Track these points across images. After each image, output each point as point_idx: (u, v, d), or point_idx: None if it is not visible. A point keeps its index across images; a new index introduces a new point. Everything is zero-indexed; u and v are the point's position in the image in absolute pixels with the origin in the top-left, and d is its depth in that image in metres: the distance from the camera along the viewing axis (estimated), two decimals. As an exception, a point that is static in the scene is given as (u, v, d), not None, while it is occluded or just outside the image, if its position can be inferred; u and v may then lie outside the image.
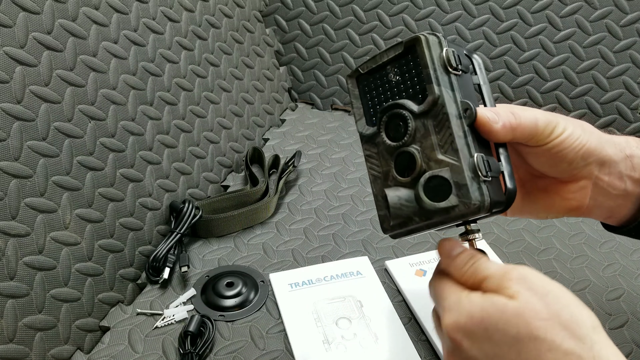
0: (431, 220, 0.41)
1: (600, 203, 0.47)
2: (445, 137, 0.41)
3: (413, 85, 0.43)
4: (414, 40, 0.42)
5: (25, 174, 0.56)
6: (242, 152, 0.90)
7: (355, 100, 0.47)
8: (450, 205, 0.40)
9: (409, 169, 0.42)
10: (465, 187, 0.40)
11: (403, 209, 0.42)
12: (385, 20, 1.01)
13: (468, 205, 0.40)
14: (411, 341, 0.60)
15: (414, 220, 0.42)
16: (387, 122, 0.44)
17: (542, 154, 0.44)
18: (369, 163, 0.46)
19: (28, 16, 0.59)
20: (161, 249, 0.68)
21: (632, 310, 0.65)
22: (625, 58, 0.94)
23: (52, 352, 0.57)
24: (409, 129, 0.42)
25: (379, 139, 0.45)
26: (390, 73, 0.45)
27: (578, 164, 0.45)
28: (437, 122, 0.42)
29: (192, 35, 0.84)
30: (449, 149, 0.41)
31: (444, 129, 0.41)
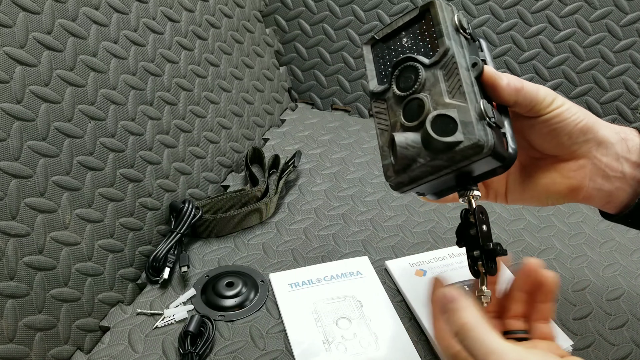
0: (436, 160, 0.42)
1: (599, 186, 0.47)
2: (453, 84, 0.43)
3: (425, 44, 0.46)
4: (428, 3, 0.46)
5: (25, 174, 0.56)
6: (242, 152, 0.90)
7: (369, 64, 0.49)
8: (456, 141, 0.41)
9: (418, 114, 0.44)
10: (471, 125, 0.41)
11: (409, 150, 0.43)
12: (385, 20, 1.01)
13: (472, 142, 0.41)
14: (411, 341, 0.60)
15: (419, 162, 0.43)
16: (398, 76, 0.46)
17: (543, 125, 0.45)
18: (377, 119, 0.47)
19: (28, 16, 0.59)
20: (161, 249, 0.68)
21: (632, 310, 0.65)
22: (625, 58, 0.94)
23: (52, 352, 0.57)
24: (420, 78, 0.45)
25: (389, 93, 0.47)
26: (404, 37, 0.48)
27: (577, 139, 0.46)
28: (446, 70, 0.44)
29: (192, 35, 0.84)
30: (456, 93, 0.43)
31: (452, 76, 0.44)
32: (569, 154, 0.47)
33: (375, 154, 0.92)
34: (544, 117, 0.45)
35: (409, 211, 0.80)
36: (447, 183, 0.45)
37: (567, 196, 0.48)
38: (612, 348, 0.61)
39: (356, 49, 1.03)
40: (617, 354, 0.60)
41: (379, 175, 0.87)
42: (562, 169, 0.48)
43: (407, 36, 0.48)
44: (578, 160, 0.47)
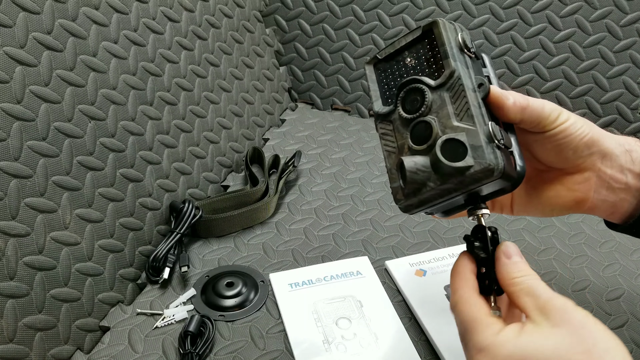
0: (446, 184, 0.42)
1: (604, 197, 0.48)
2: (461, 106, 0.43)
3: (429, 64, 0.46)
4: (431, 23, 0.45)
5: (25, 174, 0.56)
6: (242, 152, 0.90)
7: (372, 84, 0.49)
8: (466, 166, 0.41)
9: (426, 138, 0.44)
10: (481, 149, 0.41)
11: (419, 174, 0.43)
12: (385, 20, 1.01)
13: (483, 166, 0.41)
14: (411, 341, 0.60)
15: (429, 186, 0.43)
16: (404, 97, 0.46)
17: (548, 141, 0.46)
18: (383, 141, 0.47)
19: (28, 16, 0.59)
20: (161, 249, 0.68)
21: (632, 310, 0.65)
22: (625, 58, 0.94)
23: (52, 352, 0.57)
24: (426, 100, 0.44)
25: (394, 115, 0.47)
26: (407, 57, 0.47)
27: (582, 152, 0.46)
28: (453, 93, 0.44)
29: (192, 35, 0.84)
30: (464, 116, 0.43)
31: (459, 98, 0.43)
32: (574, 167, 0.47)
33: (375, 154, 0.93)
34: (550, 132, 0.45)
35: (409, 211, 0.80)
36: (456, 203, 0.45)
37: (572, 208, 0.49)
38: (612, 348, 0.61)
39: (356, 49, 1.03)
40: (617, 354, 0.60)
41: (379, 175, 0.88)
42: (568, 182, 0.48)
43: (410, 56, 0.47)
44: (583, 173, 0.47)
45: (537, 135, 0.46)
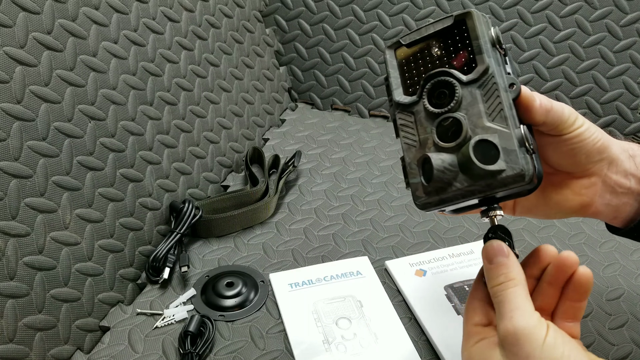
0: (474, 185, 0.41)
1: (607, 201, 0.48)
2: (493, 106, 0.42)
3: (459, 57, 0.44)
4: (465, 14, 0.43)
5: (25, 174, 0.56)
6: (242, 152, 0.90)
7: (393, 70, 0.46)
8: (498, 169, 0.40)
9: (454, 135, 0.42)
10: (514, 153, 0.40)
11: (445, 173, 0.41)
12: (385, 20, 1.01)
13: (515, 171, 0.40)
14: (411, 341, 0.60)
15: (455, 186, 0.41)
16: (431, 90, 0.44)
17: (564, 144, 0.46)
18: (402, 132, 0.45)
19: (28, 16, 0.59)
20: (161, 249, 0.68)
21: (632, 310, 0.65)
22: (625, 58, 0.94)
23: (52, 352, 0.57)
24: (457, 95, 0.42)
25: (417, 107, 0.44)
26: (434, 47, 0.45)
27: (594, 158, 0.46)
28: (485, 91, 0.42)
29: (192, 35, 0.84)
30: (497, 117, 0.41)
31: (492, 97, 0.42)
32: (582, 171, 0.47)
33: (375, 154, 0.92)
34: (566, 136, 0.45)
35: (409, 211, 0.80)
36: (471, 203, 0.44)
37: (577, 212, 0.49)
38: (612, 348, 0.61)
39: (356, 49, 1.03)
40: (617, 354, 0.60)
41: (379, 175, 0.88)
42: (575, 186, 0.48)
43: (437, 46, 0.45)
44: (590, 178, 0.47)
45: (553, 138, 0.46)
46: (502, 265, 0.42)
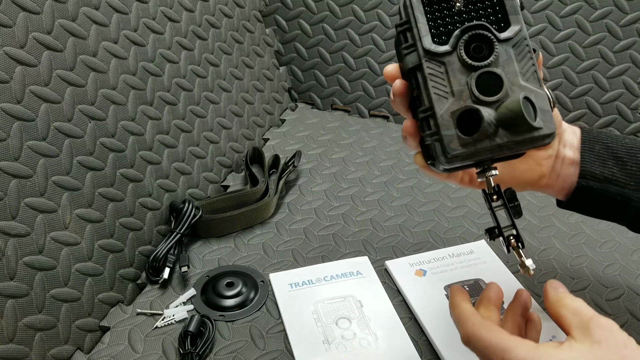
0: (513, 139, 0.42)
1: (558, 172, 0.54)
2: (527, 67, 0.44)
3: (489, 13, 0.44)
4: None
5: (25, 174, 0.56)
6: (242, 152, 0.90)
7: (420, 15, 0.44)
8: (538, 127, 0.42)
9: (495, 91, 0.43)
10: (549, 114, 0.42)
11: (490, 127, 0.42)
12: (385, 20, 1.01)
13: (550, 130, 0.42)
14: (411, 341, 0.60)
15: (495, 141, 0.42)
16: (467, 42, 0.43)
17: None
18: (431, 82, 0.44)
19: (28, 16, 0.59)
20: (161, 249, 0.68)
21: (632, 310, 0.65)
22: (625, 58, 0.94)
23: (52, 352, 0.57)
24: (496, 51, 0.43)
25: (452, 57, 0.44)
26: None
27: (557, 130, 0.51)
28: (519, 51, 0.44)
29: (192, 35, 0.84)
30: (530, 77, 0.43)
31: (525, 58, 0.44)
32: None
33: (375, 154, 0.92)
34: None
35: (409, 211, 0.80)
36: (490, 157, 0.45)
37: (535, 183, 0.54)
38: (612, 348, 0.61)
39: (356, 49, 1.03)
40: (617, 354, 0.60)
41: (379, 175, 0.88)
42: (537, 157, 0.53)
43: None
44: (547, 151, 0.53)
45: None
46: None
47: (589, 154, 0.53)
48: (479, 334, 0.41)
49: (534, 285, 0.68)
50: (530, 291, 0.66)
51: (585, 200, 0.54)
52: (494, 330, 0.41)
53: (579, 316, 0.40)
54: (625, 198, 0.52)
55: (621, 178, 0.52)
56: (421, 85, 0.44)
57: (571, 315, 0.41)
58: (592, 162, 0.52)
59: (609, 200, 0.52)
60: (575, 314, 0.41)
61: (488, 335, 0.41)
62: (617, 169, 0.52)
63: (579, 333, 0.39)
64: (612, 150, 0.52)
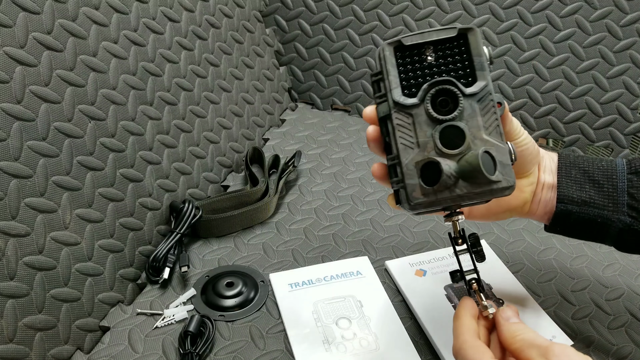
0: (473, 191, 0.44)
1: (539, 197, 0.55)
2: (490, 121, 0.46)
3: (458, 68, 0.46)
4: (468, 29, 0.46)
5: (25, 174, 0.56)
6: (242, 152, 0.90)
7: (392, 68, 0.46)
8: (496, 180, 0.44)
9: (457, 144, 0.45)
10: (508, 167, 0.45)
11: (450, 179, 0.44)
12: (385, 20, 1.01)
13: (509, 184, 0.44)
14: (411, 341, 0.60)
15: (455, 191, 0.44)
16: (434, 96, 0.45)
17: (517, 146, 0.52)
18: (399, 133, 0.46)
19: (28, 16, 0.59)
20: (161, 249, 0.68)
21: (632, 310, 0.65)
22: (625, 58, 0.94)
23: (52, 352, 0.57)
24: (461, 105, 0.45)
25: (419, 110, 0.45)
26: (434, 53, 0.46)
27: (534, 159, 0.54)
28: (483, 105, 0.46)
29: (192, 35, 0.84)
30: (493, 131, 0.45)
31: (489, 113, 0.46)
32: (524, 172, 0.54)
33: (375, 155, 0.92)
34: (516, 140, 0.51)
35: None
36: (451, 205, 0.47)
37: (519, 209, 0.56)
38: (612, 348, 0.61)
39: (356, 49, 1.03)
40: (617, 354, 0.60)
41: (379, 175, 0.87)
42: (519, 185, 0.54)
43: (438, 54, 0.46)
44: (529, 178, 0.55)
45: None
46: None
47: (565, 178, 0.54)
48: (465, 352, 0.45)
49: (534, 286, 0.68)
50: (529, 291, 0.66)
51: (566, 224, 0.55)
52: (481, 352, 0.44)
53: (537, 348, 0.43)
54: (605, 219, 0.53)
55: (599, 200, 0.53)
56: (390, 134, 0.46)
57: (528, 349, 0.43)
58: (569, 186, 0.54)
59: (590, 223, 0.54)
60: (532, 347, 0.43)
61: (472, 355, 0.44)
62: (594, 191, 0.53)
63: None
64: (589, 174, 0.54)
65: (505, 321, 0.47)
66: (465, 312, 0.48)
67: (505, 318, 0.47)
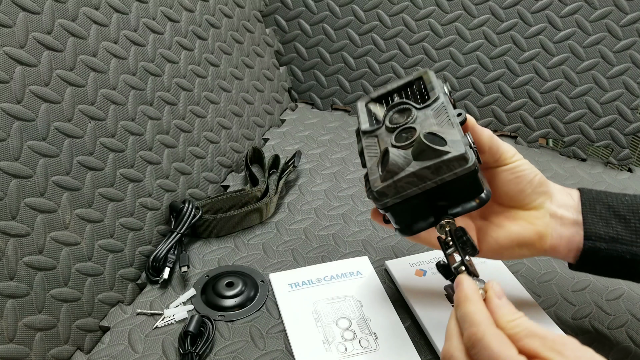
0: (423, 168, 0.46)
1: (559, 233, 0.53)
2: (443, 120, 0.49)
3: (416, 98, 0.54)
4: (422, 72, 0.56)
5: (25, 174, 0.56)
6: (242, 152, 0.90)
7: (362, 114, 0.56)
8: (444, 150, 0.46)
9: (408, 138, 0.49)
10: (458, 142, 0.46)
11: (400, 158, 0.47)
12: (385, 20, 1.01)
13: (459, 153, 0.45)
14: (411, 341, 0.60)
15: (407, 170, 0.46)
16: (392, 115, 0.53)
17: (509, 172, 0.53)
18: (367, 151, 0.52)
19: (28, 16, 0.59)
20: (161, 249, 0.68)
21: (632, 310, 0.65)
22: (625, 58, 0.94)
23: (52, 352, 0.57)
24: (412, 114, 0.51)
25: (380, 130, 0.53)
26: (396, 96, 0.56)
27: (537, 188, 0.53)
28: (436, 111, 0.51)
29: (192, 35, 0.84)
30: (445, 124, 0.49)
31: (441, 114, 0.50)
32: (529, 203, 0.54)
33: (375, 154, 0.92)
34: (509, 166, 0.52)
35: (409, 211, 0.80)
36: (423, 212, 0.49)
37: (535, 244, 0.54)
38: (612, 348, 0.61)
39: (356, 49, 1.03)
40: (617, 354, 0.60)
41: (379, 175, 0.87)
42: (528, 217, 0.54)
43: (398, 94, 0.56)
44: (538, 210, 0.54)
45: (498, 169, 0.53)
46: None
47: (590, 215, 0.52)
48: (489, 343, 0.40)
49: (534, 286, 0.68)
50: (529, 291, 0.66)
51: (594, 262, 0.53)
52: (505, 344, 0.40)
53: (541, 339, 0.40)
54: (634, 256, 0.51)
55: (627, 236, 0.51)
56: (363, 157, 0.52)
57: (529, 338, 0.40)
58: (595, 222, 0.52)
59: (619, 260, 0.52)
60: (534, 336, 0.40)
61: (498, 348, 0.39)
62: (621, 227, 0.52)
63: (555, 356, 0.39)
64: (614, 209, 0.52)
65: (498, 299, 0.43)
66: (476, 295, 0.44)
67: (498, 295, 0.44)
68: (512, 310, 0.43)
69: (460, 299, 0.44)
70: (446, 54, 0.99)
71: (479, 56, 0.98)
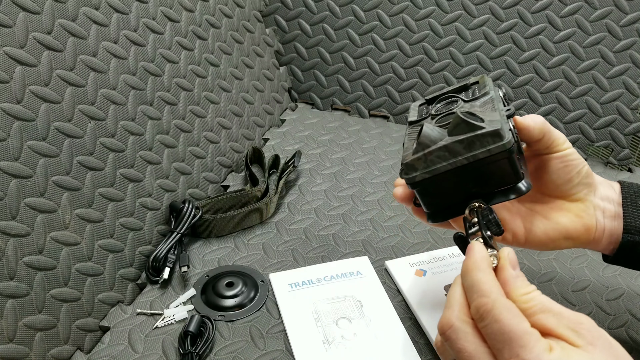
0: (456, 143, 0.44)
1: (603, 225, 0.53)
2: (487, 108, 0.48)
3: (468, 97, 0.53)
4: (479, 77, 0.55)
5: (25, 174, 0.56)
6: (242, 152, 0.90)
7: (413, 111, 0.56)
8: (479, 125, 0.44)
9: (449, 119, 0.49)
10: (496, 122, 0.45)
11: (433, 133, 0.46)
12: (385, 20, 1.01)
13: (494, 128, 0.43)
14: (411, 341, 0.60)
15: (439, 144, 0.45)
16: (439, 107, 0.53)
17: (559, 160, 0.51)
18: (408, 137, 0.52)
19: (28, 16, 0.59)
20: (161, 249, 0.68)
21: (632, 310, 0.65)
22: (625, 58, 0.94)
23: (52, 352, 0.57)
24: (458, 104, 0.51)
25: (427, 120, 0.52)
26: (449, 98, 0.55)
27: (583, 179, 0.52)
28: (482, 102, 0.50)
29: (192, 35, 0.84)
30: (488, 111, 0.47)
31: (487, 104, 0.49)
32: (574, 194, 0.53)
33: (375, 154, 0.93)
34: (559, 153, 0.51)
35: (409, 211, 0.80)
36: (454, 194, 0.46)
37: (581, 236, 0.53)
38: (612, 348, 0.61)
39: (356, 49, 1.03)
40: (617, 354, 0.60)
41: (379, 175, 0.88)
42: (574, 209, 0.53)
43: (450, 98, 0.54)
44: (584, 203, 0.53)
45: (549, 156, 0.52)
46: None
47: (631, 208, 0.52)
48: (499, 315, 0.37)
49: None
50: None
51: (631, 255, 0.53)
52: (518, 316, 0.37)
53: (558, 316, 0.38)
54: None
55: None
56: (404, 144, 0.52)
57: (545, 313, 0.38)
58: (636, 216, 0.52)
59: None
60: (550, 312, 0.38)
61: (509, 320, 0.36)
62: None
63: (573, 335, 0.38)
64: None
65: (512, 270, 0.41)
66: (487, 263, 0.40)
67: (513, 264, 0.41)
68: (525, 283, 0.40)
69: (469, 266, 0.40)
70: (446, 54, 0.99)
71: (479, 56, 0.98)
